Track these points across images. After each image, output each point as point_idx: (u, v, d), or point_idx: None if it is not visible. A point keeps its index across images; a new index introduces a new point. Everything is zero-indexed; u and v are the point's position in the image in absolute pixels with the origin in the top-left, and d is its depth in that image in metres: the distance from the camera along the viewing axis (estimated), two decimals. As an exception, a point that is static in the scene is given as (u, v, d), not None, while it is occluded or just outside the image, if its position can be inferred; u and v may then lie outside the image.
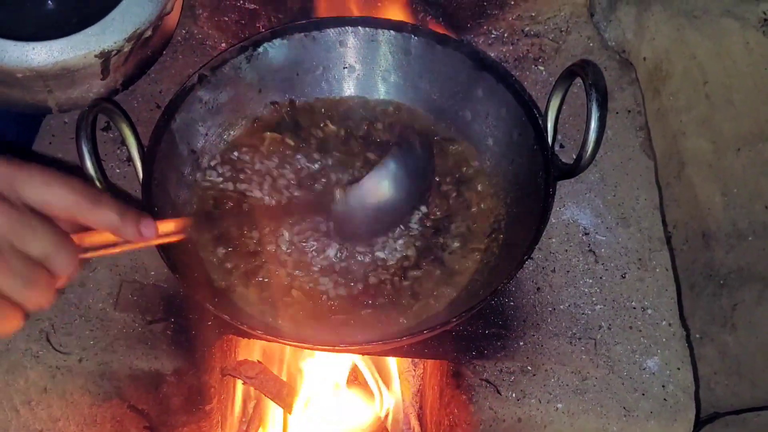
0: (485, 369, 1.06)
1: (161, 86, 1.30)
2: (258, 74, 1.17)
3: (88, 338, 1.06)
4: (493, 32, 1.36)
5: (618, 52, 1.38)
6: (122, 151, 1.21)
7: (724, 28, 1.36)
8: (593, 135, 0.96)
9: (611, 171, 1.23)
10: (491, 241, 1.09)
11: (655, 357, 1.07)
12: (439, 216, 1.10)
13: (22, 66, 1.10)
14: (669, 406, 1.04)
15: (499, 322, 1.09)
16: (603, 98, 0.95)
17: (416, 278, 1.06)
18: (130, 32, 1.13)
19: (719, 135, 1.44)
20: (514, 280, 1.10)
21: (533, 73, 1.33)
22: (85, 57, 1.12)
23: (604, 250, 1.16)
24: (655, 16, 1.36)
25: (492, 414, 1.03)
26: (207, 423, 1.14)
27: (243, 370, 1.14)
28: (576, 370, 1.06)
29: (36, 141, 1.23)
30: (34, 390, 1.06)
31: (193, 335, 1.07)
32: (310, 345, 0.97)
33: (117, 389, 1.06)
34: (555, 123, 1.05)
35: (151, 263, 1.11)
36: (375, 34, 1.17)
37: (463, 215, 1.11)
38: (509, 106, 1.10)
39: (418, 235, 1.08)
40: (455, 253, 1.08)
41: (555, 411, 1.03)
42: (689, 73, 1.39)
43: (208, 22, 1.36)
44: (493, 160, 1.14)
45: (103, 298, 1.09)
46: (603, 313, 1.10)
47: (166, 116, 1.07)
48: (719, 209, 1.50)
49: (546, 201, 0.99)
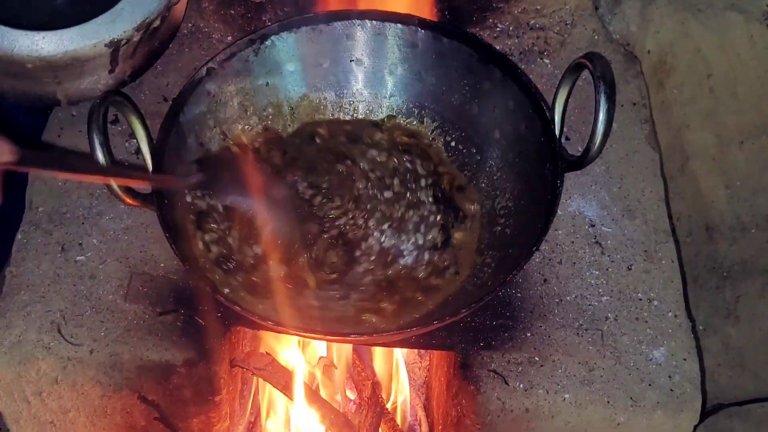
0: (493, 360, 1.06)
1: (168, 79, 1.30)
2: (266, 67, 1.17)
3: (98, 329, 1.06)
4: (498, 25, 1.36)
5: (623, 45, 1.39)
6: (131, 143, 1.22)
7: (728, 21, 1.37)
8: (601, 127, 0.96)
9: (617, 163, 1.24)
10: (499, 233, 1.09)
11: (662, 348, 1.08)
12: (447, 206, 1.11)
13: (33, 55, 1.10)
14: (675, 396, 1.05)
15: (506, 314, 1.10)
16: (611, 90, 0.95)
17: (423, 270, 1.07)
18: (138, 22, 1.14)
19: (723, 128, 1.45)
20: (522, 271, 1.11)
21: (539, 66, 1.34)
22: (95, 46, 1.12)
23: (610, 241, 1.16)
24: (659, 9, 1.37)
25: (500, 404, 1.04)
26: (216, 414, 1.14)
27: (252, 362, 1.15)
28: (583, 360, 1.06)
29: (44, 133, 1.24)
30: (45, 381, 1.06)
31: (202, 326, 1.07)
32: (320, 335, 0.97)
33: (127, 380, 1.07)
34: (562, 115, 1.05)
35: (161, 255, 1.12)
36: (382, 27, 1.17)
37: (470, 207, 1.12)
38: (516, 98, 1.11)
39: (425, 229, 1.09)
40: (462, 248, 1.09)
41: (562, 401, 1.04)
42: (693, 66, 1.40)
43: (215, 16, 1.36)
44: (500, 153, 1.14)
45: (113, 290, 1.09)
46: (609, 305, 1.11)
47: (174, 108, 1.08)
48: (723, 202, 1.51)
49: (554, 192, 1.00)
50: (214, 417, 1.15)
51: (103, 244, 1.13)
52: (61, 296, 1.09)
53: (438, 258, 1.08)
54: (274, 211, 1.08)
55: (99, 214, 1.15)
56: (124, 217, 1.15)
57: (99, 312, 1.08)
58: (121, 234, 1.14)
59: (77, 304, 1.08)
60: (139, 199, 0.97)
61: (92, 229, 1.14)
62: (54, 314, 1.07)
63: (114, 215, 1.15)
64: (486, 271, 1.07)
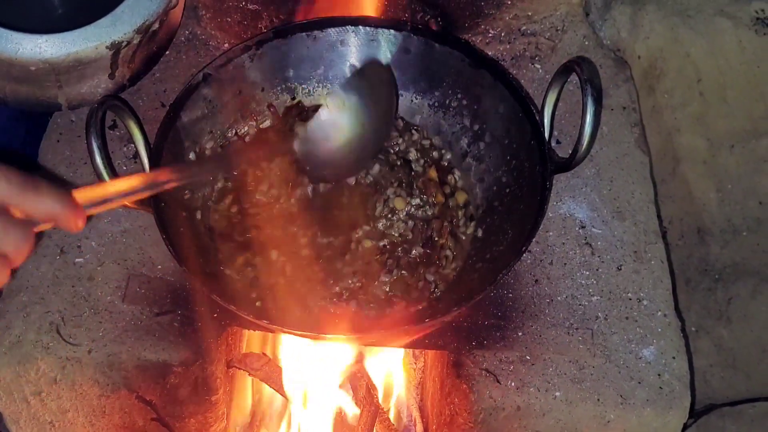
0: (485, 359, 1.08)
1: (165, 85, 1.32)
2: (261, 73, 1.19)
3: (97, 330, 1.08)
4: (490, 31, 1.39)
5: (613, 50, 1.41)
6: (128, 148, 1.24)
7: (717, 27, 1.39)
8: (588, 129, 0.98)
9: (607, 166, 1.25)
10: (489, 234, 1.11)
11: (651, 346, 1.09)
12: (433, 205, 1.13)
13: (36, 58, 1.13)
14: (664, 394, 1.06)
15: (498, 314, 1.11)
16: (598, 93, 0.98)
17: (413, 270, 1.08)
18: (139, 24, 1.17)
19: (713, 132, 1.47)
20: (513, 272, 1.13)
21: (530, 71, 1.36)
22: (97, 48, 1.15)
23: (600, 242, 1.18)
24: (649, 15, 1.39)
25: (492, 403, 1.06)
26: (213, 414, 1.16)
27: (248, 362, 1.17)
28: (574, 359, 1.08)
29: (44, 139, 1.26)
30: (44, 381, 1.08)
31: (199, 327, 1.09)
32: (315, 334, 0.99)
33: (125, 380, 1.09)
34: (552, 118, 1.08)
35: (158, 257, 1.14)
36: (375, 33, 1.19)
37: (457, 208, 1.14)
38: (506, 102, 1.13)
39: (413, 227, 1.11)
40: (451, 248, 1.11)
41: (553, 399, 1.05)
42: (683, 71, 1.41)
43: (211, 23, 1.38)
44: (491, 155, 1.16)
45: (111, 291, 1.11)
46: (600, 304, 1.13)
47: (171, 113, 1.10)
48: (714, 205, 1.52)
49: (543, 194, 1.02)
50: (210, 417, 1.16)
51: (102, 246, 1.15)
52: (60, 297, 1.10)
53: (428, 258, 1.10)
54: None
55: (97, 217, 1.16)
56: (122, 220, 1.17)
57: (97, 313, 1.09)
58: (119, 237, 1.16)
59: (76, 305, 1.10)
60: (137, 201, 0.99)
61: (90, 231, 1.16)
62: (53, 315, 1.09)
63: (112, 218, 1.17)
64: (477, 271, 1.09)
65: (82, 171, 1.22)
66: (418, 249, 1.09)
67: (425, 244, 1.09)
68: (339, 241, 1.08)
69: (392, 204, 1.10)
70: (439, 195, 1.13)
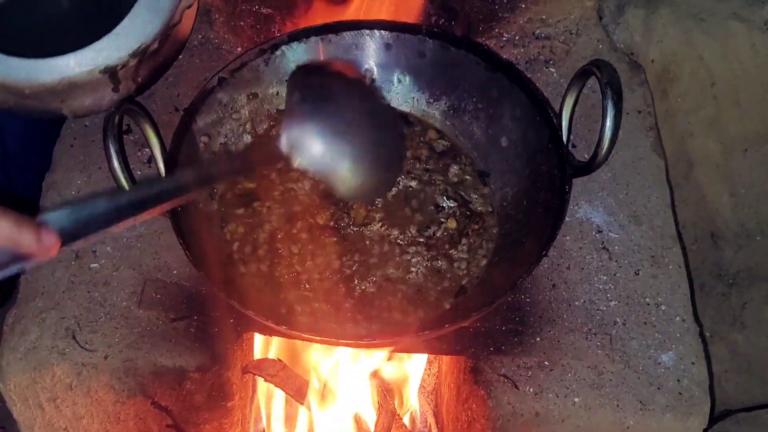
0: (503, 364, 1.07)
1: (179, 90, 1.32)
2: (276, 77, 1.19)
3: (113, 336, 1.07)
4: (504, 35, 1.38)
5: (627, 54, 1.40)
6: (143, 153, 1.23)
7: (730, 30, 1.38)
8: (608, 132, 0.98)
9: (623, 170, 1.25)
10: (508, 239, 1.10)
11: (670, 352, 1.09)
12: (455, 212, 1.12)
13: (30, 81, 1.10)
14: (684, 399, 1.05)
15: (516, 319, 1.11)
16: (618, 96, 0.97)
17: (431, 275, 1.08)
18: (134, 48, 1.13)
19: (727, 136, 1.46)
20: (531, 277, 1.12)
21: (544, 74, 1.35)
22: (90, 73, 1.11)
23: (617, 247, 1.17)
24: (662, 18, 1.39)
25: (510, 409, 1.05)
26: (228, 420, 1.15)
27: (264, 368, 1.16)
28: (592, 364, 1.07)
29: (57, 144, 1.25)
30: (59, 387, 1.07)
31: (215, 333, 1.08)
32: (333, 340, 0.98)
33: (141, 386, 1.08)
34: (570, 121, 1.07)
35: (174, 262, 1.13)
36: (390, 37, 1.19)
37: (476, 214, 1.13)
38: (523, 106, 1.12)
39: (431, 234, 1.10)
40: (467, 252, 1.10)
41: (572, 405, 1.05)
42: (697, 75, 1.41)
43: (224, 27, 1.38)
44: (508, 160, 1.16)
45: (127, 297, 1.11)
46: (618, 309, 1.12)
47: (187, 117, 1.09)
48: (727, 209, 1.52)
49: (562, 197, 1.01)
50: (226, 423, 1.15)
51: (117, 251, 1.14)
52: (76, 303, 1.10)
53: (449, 262, 1.09)
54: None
55: (112, 222, 1.16)
56: (137, 225, 1.16)
57: (113, 318, 1.09)
58: (134, 241, 1.15)
59: (91, 310, 1.09)
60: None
61: (106, 237, 1.15)
62: (69, 321, 1.08)
63: (127, 223, 1.16)
64: (495, 276, 1.08)
65: (96, 176, 1.21)
66: (435, 254, 1.09)
67: (441, 250, 1.09)
68: (360, 250, 1.09)
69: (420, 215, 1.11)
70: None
